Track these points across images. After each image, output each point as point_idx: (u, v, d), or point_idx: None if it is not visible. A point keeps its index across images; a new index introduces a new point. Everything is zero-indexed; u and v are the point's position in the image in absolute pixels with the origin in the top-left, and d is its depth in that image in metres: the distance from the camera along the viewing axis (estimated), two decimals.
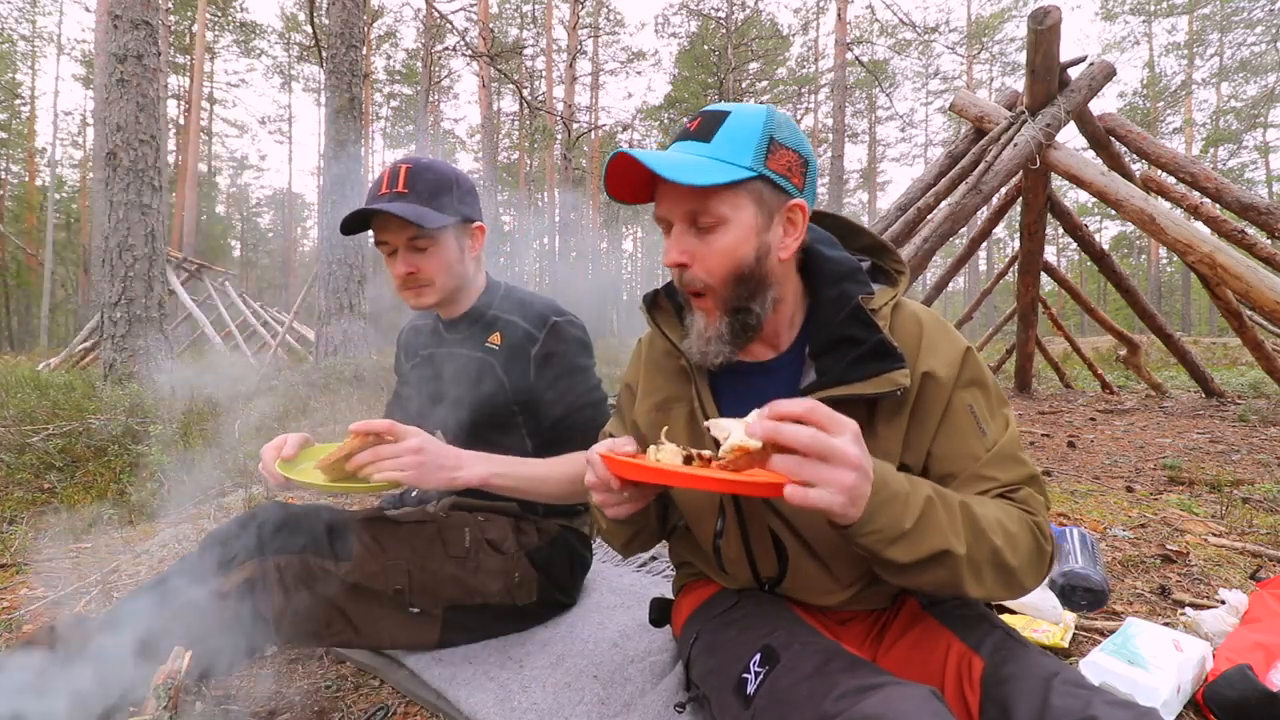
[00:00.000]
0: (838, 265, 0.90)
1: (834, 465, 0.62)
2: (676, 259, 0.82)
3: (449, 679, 1.16)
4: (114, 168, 4.75)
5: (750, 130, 0.80)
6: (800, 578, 0.92)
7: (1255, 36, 21.91)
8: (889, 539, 0.68)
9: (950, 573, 0.71)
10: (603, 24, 25.73)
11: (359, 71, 6.77)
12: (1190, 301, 27.63)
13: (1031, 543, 0.78)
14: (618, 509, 0.80)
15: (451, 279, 1.29)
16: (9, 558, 1.95)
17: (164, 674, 0.90)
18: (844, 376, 0.81)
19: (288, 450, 1.09)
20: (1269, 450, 3.53)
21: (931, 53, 30.25)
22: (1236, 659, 1.18)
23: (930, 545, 0.69)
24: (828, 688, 0.70)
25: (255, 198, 38.75)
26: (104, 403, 3.83)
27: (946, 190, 4.40)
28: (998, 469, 0.82)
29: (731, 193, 0.80)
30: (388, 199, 1.20)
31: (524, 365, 1.30)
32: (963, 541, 0.71)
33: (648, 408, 1.00)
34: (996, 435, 0.84)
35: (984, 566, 0.73)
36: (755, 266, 0.82)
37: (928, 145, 34.72)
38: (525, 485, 1.19)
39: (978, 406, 0.85)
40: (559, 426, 1.32)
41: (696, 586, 1.09)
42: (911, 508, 0.69)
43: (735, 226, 0.80)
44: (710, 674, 0.89)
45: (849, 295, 0.85)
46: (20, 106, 26.61)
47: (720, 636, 0.91)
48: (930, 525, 0.70)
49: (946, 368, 0.84)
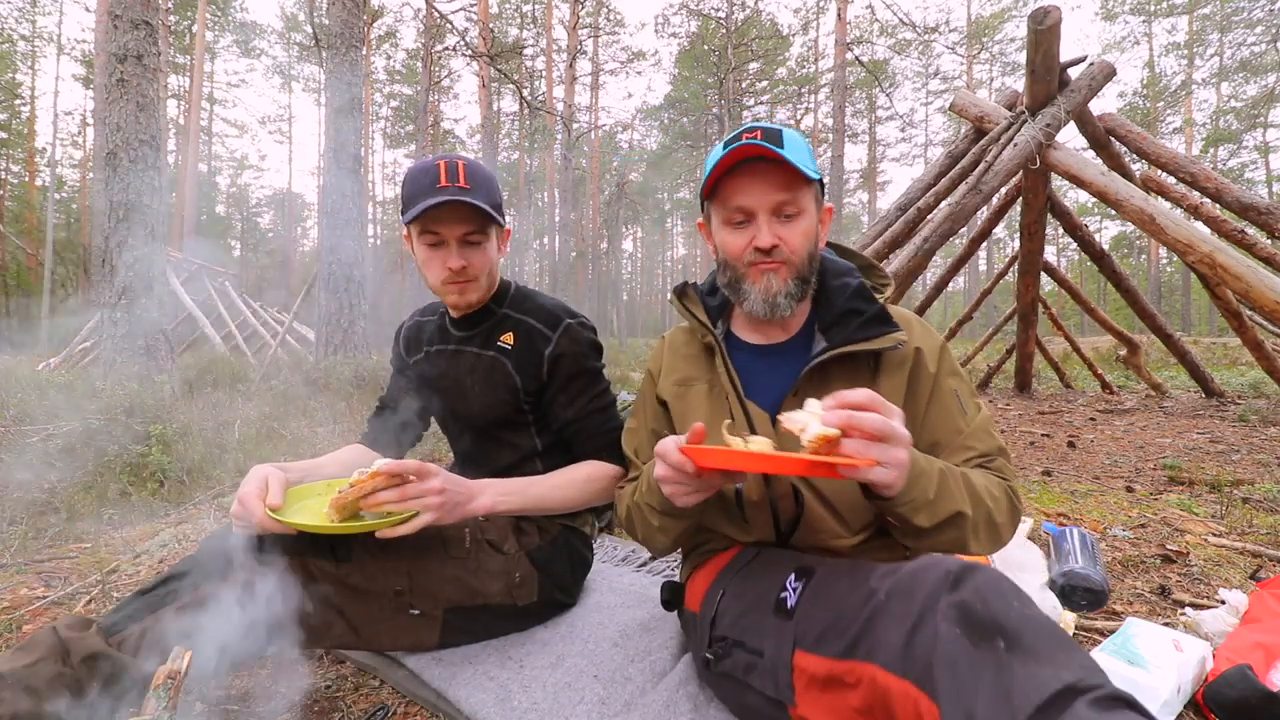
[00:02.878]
0: (839, 265, 1.11)
1: (893, 445, 0.74)
2: (773, 240, 0.97)
3: (449, 679, 1.15)
4: (114, 168, 4.74)
5: (805, 146, 0.99)
6: (814, 522, 1.01)
7: (1255, 36, 21.90)
8: (918, 507, 0.81)
9: (959, 532, 0.85)
10: (603, 24, 25.72)
11: (359, 71, 6.77)
12: (1190, 301, 27.63)
13: (1009, 504, 0.94)
14: (689, 497, 0.87)
15: (490, 279, 1.31)
16: (9, 558, 1.95)
17: (164, 674, 0.90)
18: (852, 337, 0.98)
19: (273, 498, 1.02)
20: (1269, 450, 3.53)
21: (931, 53, 30.26)
22: (1236, 659, 1.18)
23: (948, 509, 0.83)
24: (867, 571, 0.81)
25: (255, 198, 38.72)
26: (104, 403, 3.83)
27: (946, 190, 4.40)
28: (976, 441, 0.99)
29: (809, 189, 0.99)
30: (454, 191, 1.18)
31: (537, 366, 1.31)
32: (969, 504, 0.85)
33: (670, 384, 1.15)
34: (973, 415, 1.01)
35: (981, 525, 0.87)
36: (816, 248, 1.03)
37: (928, 145, 34.74)
38: (531, 505, 1.23)
39: (960, 392, 1.02)
40: (569, 429, 1.34)
41: (709, 561, 1.13)
42: (933, 480, 0.82)
43: (807, 217, 1.00)
44: (743, 614, 0.94)
45: (849, 285, 1.05)
46: (20, 106, 26.59)
47: (748, 582, 0.98)
48: (947, 493, 0.83)
49: (931, 355, 1.02)
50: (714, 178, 0.99)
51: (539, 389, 1.33)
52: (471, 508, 1.12)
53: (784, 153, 0.93)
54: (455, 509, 1.09)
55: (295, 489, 1.13)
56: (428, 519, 1.04)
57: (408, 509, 1.03)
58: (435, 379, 1.42)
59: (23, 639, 1.39)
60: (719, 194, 1.01)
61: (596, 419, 1.34)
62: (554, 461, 1.37)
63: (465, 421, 1.40)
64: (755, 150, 0.93)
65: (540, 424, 1.37)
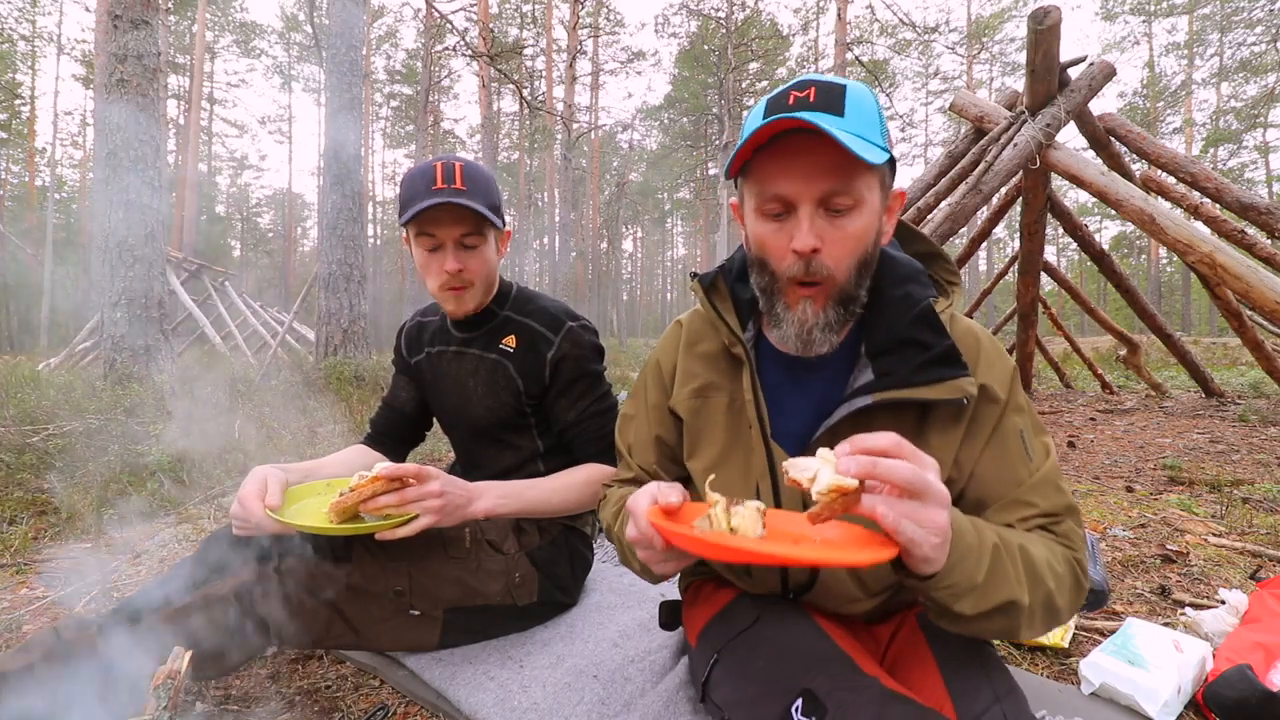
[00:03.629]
0: (903, 266, 0.86)
1: (928, 504, 0.58)
2: (813, 243, 0.74)
3: (449, 679, 1.15)
4: (114, 168, 4.74)
5: (873, 108, 0.76)
6: (830, 587, 0.89)
7: (1255, 36, 21.89)
8: (962, 592, 0.64)
9: (1010, 621, 0.69)
10: (603, 24, 25.70)
11: (359, 71, 6.77)
12: (1190, 301, 27.63)
13: (1074, 582, 0.75)
14: (664, 566, 0.74)
15: (487, 282, 1.30)
16: (9, 558, 1.95)
17: (164, 674, 0.90)
18: (909, 379, 0.77)
19: (272, 498, 1.03)
20: (1269, 450, 3.53)
21: (931, 53, 30.25)
22: (1236, 659, 1.18)
23: (999, 597, 0.66)
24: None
25: (255, 198, 38.75)
26: (104, 403, 3.83)
27: (946, 190, 4.40)
28: (1039, 496, 0.78)
29: (871, 174, 0.75)
30: (449, 193, 1.17)
31: (539, 369, 1.31)
32: (1025, 590, 0.68)
33: (687, 394, 0.95)
34: (1039, 462, 0.80)
35: (1037, 611, 0.70)
36: (872, 252, 0.79)
37: (928, 145, 34.75)
38: (529, 508, 1.23)
39: (1026, 432, 0.81)
40: (570, 431, 1.34)
41: (707, 589, 1.04)
42: (983, 558, 0.65)
43: (867, 210, 0.76)
44: (738, 704, 0.81)
45: (915, 298, 0.82)
46: (20, 106, 26.58)
47: (748, 665, 0.83)
48: (999, 577, 0.66)
49: (1000, 387, 0.81)
50: (745, 154, 0.77)
51: (541, 392, 1.33)
52: (470, 510, 1.12)
53: (841, 128, 0.71)
54: (455, 512, 1.09)
55: (295, 489, 1.14)
56: (427, 521, 1.04)
57: (407, 512, 1.03)
58: (438, 380, 1.42)
59: (23, 639, 1.39)
60: (752, 173, 0.79)
61: (597, 422, 1.33)
62: (556, 463, 1.37)
63: (467, 423, 1.40)
64: (800, 123, 0.71)
65: (542, 426, 1.38)
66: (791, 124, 0.71)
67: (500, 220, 1.26)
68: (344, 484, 1.14)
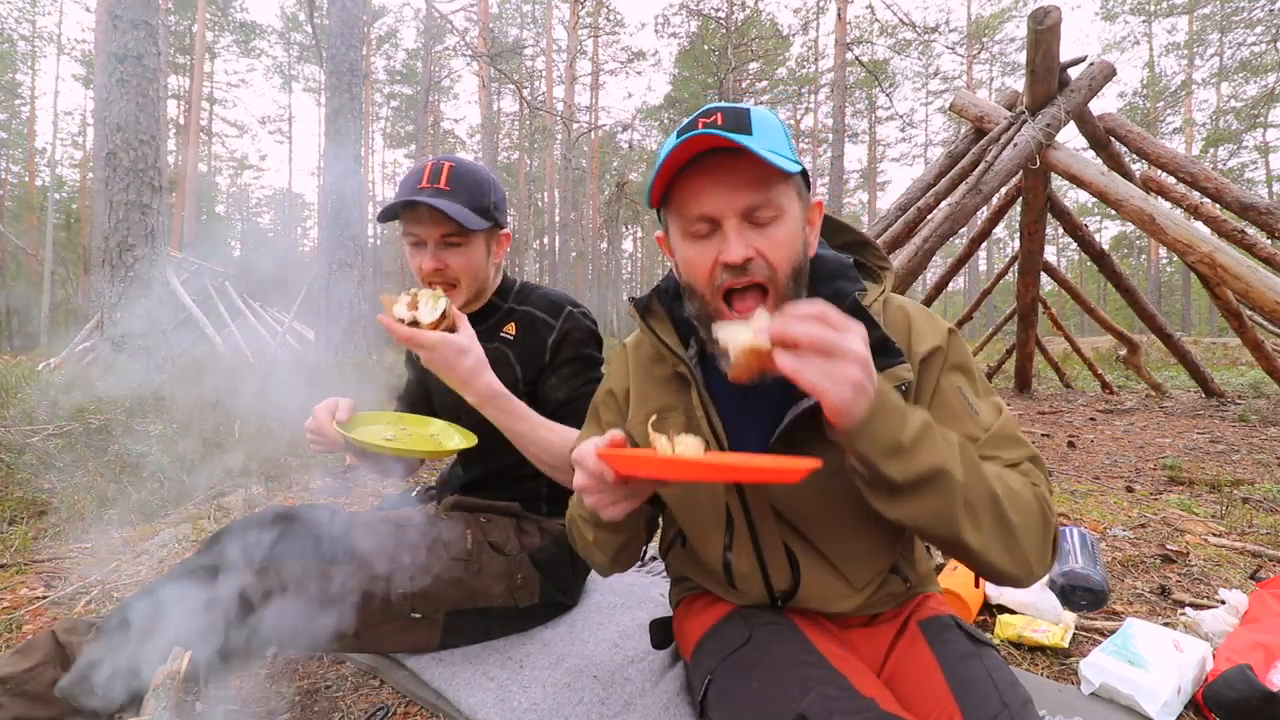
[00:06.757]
0: (829, 264, 0.89)
1: (840, 360, 0.60)
2: (746, 253, 0.76)
3: (449, 679, 1.16)
4: (114, 168, 4.74)
5: (777, 127, 0.80)
6: (813, 587, 0.90)
7: (1255, 36, 21.88)
8: (887, 449, 0.65)
9: (946, 500, 0.67)
10: (603, 24, 25.70)
11: (359, 71, 6.77)
12: (1190, 301, 27.63)
13: (1035, 507, 0.74)
14: (613, 509, 0.75)
15: (476, 282, 1.30)
16: (9, 558, 1.95)
17: (164, 674, 0.90)
18: None
19: (341, 414, 1.16)
20: (1269, 450, 3.53)
21: (931, 53, 30.24)
22: (1236, 659, 1.18)
23: (927, 461, 0.66)
24: None
25: (255, 198, 38.75)
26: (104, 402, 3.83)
27: (946, 190, 4.40)
28: (998, 449, 0.79)
29: (786, 185, 0.79)
30: (430, 193, 1.18)
31: (539, 351, 1.32)
32: (960, 468, 0.68)
33: (642, 418, 0.94)
34: (991, 419, 0.81)
35: (981, 511, 0.69)
36: (802, 262, 0.81)
37: (928, 145, 34.72)
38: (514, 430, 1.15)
39: (965, 389, 0.83)
40: (562, 409, 1.32)
41: (699, 603, 1.04)
42: (910, 424, 0.67)
43: (790, 219, 0.79)
44: None
45: (843, 293, 0.84)
46: (20, 106, 26.60)
47: (742, 688, 0.82)
48: (928, 443, 0.67)
49: (934, 351, 0.83)
50: (664, 178, 0.78)
51: (538, 377, 1.33)
52: (463, 386, 1.08)
53: (750, 142, 0.73)
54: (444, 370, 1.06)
55: (365, 414, 1.26)
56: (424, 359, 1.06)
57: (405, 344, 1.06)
58: None
59: (22, 640, 1.39)
60: (674, 200, 0.81)
61: (586, 403, 1.32)
62: None
63: (466, 414, 1.40)
64: (712, 141, 0.73)
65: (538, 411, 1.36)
66: (708, 141, 0.74)
67: (488, 221, 1.25)
68: (413, 420, 1.33)
